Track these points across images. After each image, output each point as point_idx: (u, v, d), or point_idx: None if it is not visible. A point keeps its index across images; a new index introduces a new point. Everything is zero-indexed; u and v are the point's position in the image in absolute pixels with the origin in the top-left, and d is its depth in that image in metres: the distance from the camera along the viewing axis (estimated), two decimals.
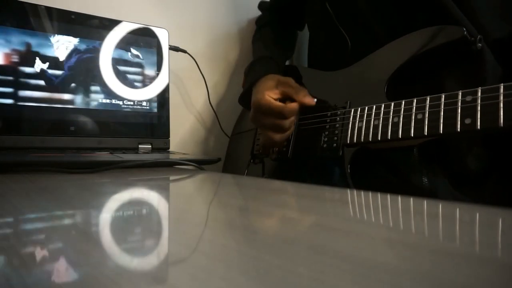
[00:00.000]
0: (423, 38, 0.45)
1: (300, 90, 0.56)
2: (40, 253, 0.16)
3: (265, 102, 0.56)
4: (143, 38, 0.66)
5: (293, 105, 0.55)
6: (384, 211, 0.26)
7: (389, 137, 0.44)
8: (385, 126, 0.45)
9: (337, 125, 0.52)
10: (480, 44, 0.43)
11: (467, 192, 0.49)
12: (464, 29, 0.42)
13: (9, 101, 0.55)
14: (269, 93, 0.57)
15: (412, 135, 0.42)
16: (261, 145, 0.62)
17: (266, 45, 0.72)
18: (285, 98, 0.57)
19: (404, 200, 0.28)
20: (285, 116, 0.55)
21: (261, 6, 0.82)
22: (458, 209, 0.26)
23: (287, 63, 0.79)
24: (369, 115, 0.47)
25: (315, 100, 0.55)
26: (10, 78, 0.55)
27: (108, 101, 0.62)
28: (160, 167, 0.52)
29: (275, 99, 0.57)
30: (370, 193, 0.31)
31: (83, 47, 0.61)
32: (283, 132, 0.57)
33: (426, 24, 0.46)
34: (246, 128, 0.73)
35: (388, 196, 0.29)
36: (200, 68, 0.78)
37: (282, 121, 0.56)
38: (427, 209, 0.26)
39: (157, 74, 0.67)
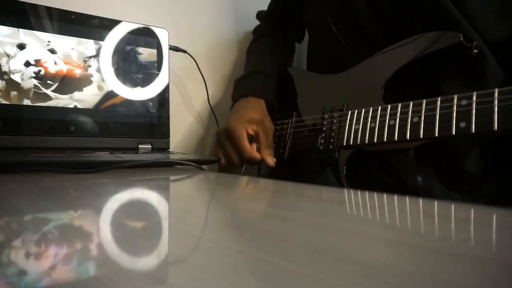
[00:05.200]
0: (420, 44, 0.46)
1: (268, 147, 0.59)
2: (40, 253, 0.16)
3: (238, 135, 0.58)
4: (143, 38, 0.66)
5: (257, 157, 0.58)
6: (383, 211, 0.26)
7: (385, 140, 0.44)
8: (381, 129, 0.45)
9: (334, 128, 0.52)
10: (476, 50, 0.44)
11: (462, 194, 0.49)
12: (461, 35, 0.43)
13: (9, 101, 0.55)
14: (247, 126, 0.59)
15: (408, 138, 0.42)
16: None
17: (261, 58, 0.72)
18: (256, 138, 0.60)
19: (401, 200, 0.29)
20: (243, 158, 0.58)
21: (259, 15, 0.81)
22: (455, 208, 0.26)
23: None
24: (365, 118, 0.48)
25: (274, 164, 0.58)
26: (10, 77, 0.55)
27: (108, 101, 0.63)
28: (160, 167, 0.53)
29: (248, 134, 0.59)
30: (368, 193, 0.31)
31: (83, 47, 0.61)
32: (230, 164, 0.60)
33: (424, 29, 0.46)
34: None
35: (385, 196, 0.30)
36: (200, 68, 0.78)
37: (237, 159, 0.59)
38: (426, 209, 0.26)
39: (157, 74, 0.68)
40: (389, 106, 0.45)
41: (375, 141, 0.46)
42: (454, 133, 0.38)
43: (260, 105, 0.62)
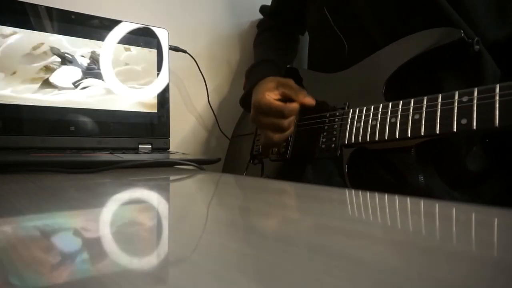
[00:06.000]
0: (421, 40, 0.46)
1: (300, 91, 0.57)
2: (40, 253, 0.16)
3: (265, 101, 0.56)
4: (143, 38, 0.66)
5: (293, 105, 0.56)
6: (383, 211, 0.26)
7: (386, 138, 0.44)
8: (382, 127, 0.45)
9: (336, 126, 0.52)
10: (477, 46, 0.43)
11: (464, 192, 0.49)
12: (462, 31, 0.43)
13: (9, 101, 0.55)
14: (270, 94, 0.57)
15: (409, 136, 0.42)
16: (261, 145, 0.62)
17: (268, 49, 0.73)
18: (285, 99, 0.58)
19: (402, 200, 0.28)
20: (284, 116, 0.56)
21: (262, 9, 0.82)
22: (456, 209, 0.26)
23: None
24: (367, 116, 0.47)
25: (315, 101, 0.56)
26: (10, 77, 0.55)
27: (108, 101, 0.63)
28: (160, 167, 0.53)
29: (275, 100, 0.57)
30: (369, 193, 0.31)
31: (83, 47, 0.61)
32: (282, 132, 0.57)
33: (423, 28, 0.46)
34: (246, 131, 0.73)
35: (386, 196, 0.30)
36: (200, 68, 0.78)
37: (282, 121, 0.56)
38: (426, 209, 0.26)
39: (157, 74, 0.68)
40: (390, 103, 0.45)
41: (377, 139, 0.45)
42: (455, 130, 0.38)
43: (271, 79, 0.61)
